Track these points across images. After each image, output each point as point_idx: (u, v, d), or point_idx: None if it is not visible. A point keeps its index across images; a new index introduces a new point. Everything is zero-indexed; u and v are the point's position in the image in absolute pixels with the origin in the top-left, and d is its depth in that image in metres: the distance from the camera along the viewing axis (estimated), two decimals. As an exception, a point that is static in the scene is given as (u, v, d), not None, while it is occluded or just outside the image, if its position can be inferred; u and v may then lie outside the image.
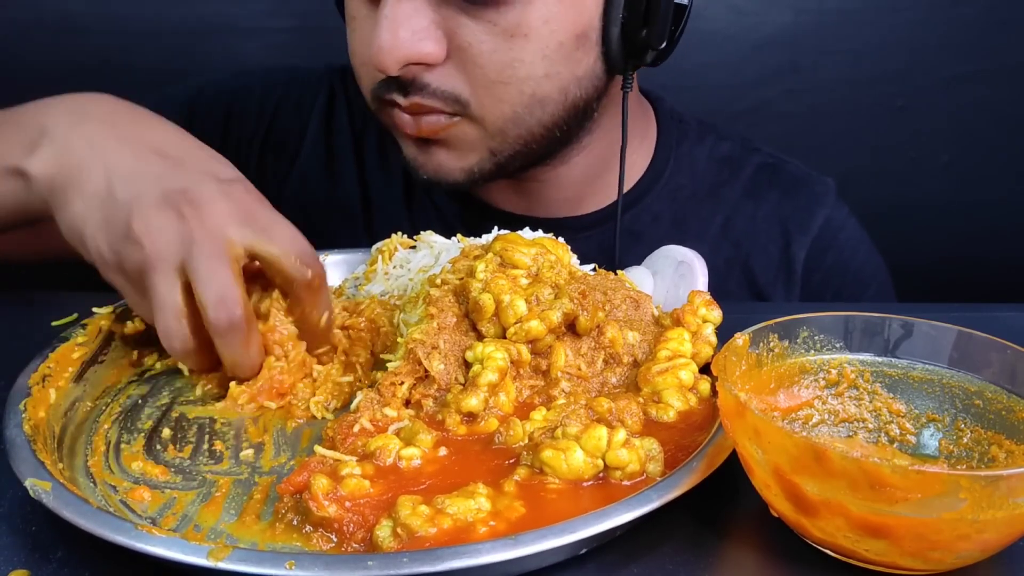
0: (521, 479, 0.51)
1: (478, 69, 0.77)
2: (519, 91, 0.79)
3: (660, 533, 0.50)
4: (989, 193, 1.52)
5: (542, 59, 0.78)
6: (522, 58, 0.77)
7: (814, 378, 0.57)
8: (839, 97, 1.46)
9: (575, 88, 0.82)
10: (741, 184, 1.00)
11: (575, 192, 0.96)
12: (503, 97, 0.79)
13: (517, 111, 0.80)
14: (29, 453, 0.51)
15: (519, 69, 0.77)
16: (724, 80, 1.43)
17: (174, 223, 0.58)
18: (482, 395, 0.57)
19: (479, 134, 0.81)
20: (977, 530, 0.43)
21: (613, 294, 0.64)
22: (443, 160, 0.83)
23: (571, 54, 0.79)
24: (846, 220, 1.01)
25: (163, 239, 0.57)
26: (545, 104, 0.81)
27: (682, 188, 0.99)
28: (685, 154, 1.00)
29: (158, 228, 0.58)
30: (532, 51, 0.77)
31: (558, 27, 0.77)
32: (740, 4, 1.41)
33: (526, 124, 0.81)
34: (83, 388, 0.63)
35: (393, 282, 0.76)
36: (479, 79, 0.78)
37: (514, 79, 0.78)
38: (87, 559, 0.47)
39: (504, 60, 0.77)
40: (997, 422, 0.53)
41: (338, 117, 1.03)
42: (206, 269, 0.57)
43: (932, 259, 1.51)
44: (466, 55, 0.77)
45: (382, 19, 0.74)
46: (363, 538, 0.47)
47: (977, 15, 1.42)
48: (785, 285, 0.98)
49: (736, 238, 0.98)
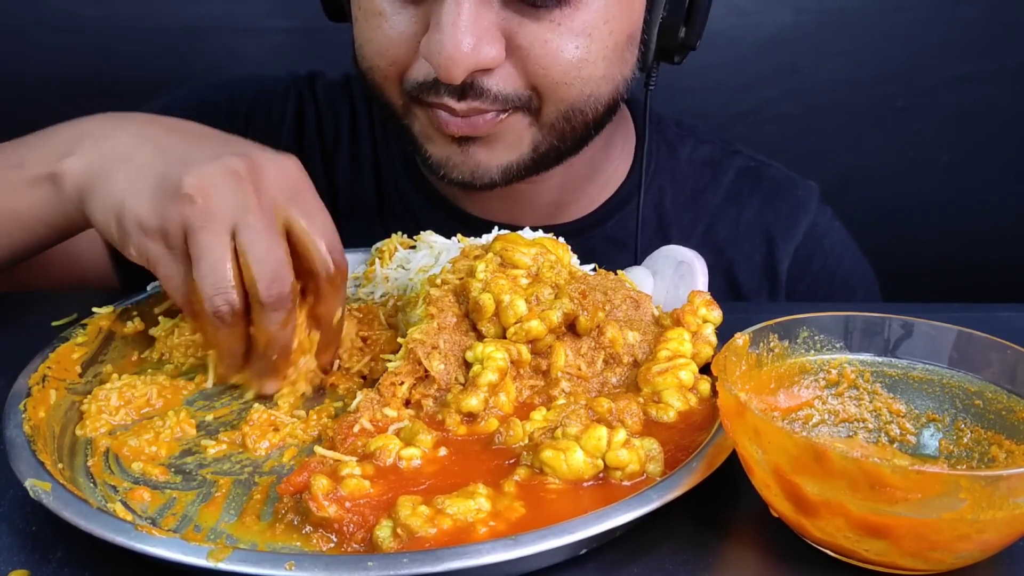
0: (521, 479, 0.51)
1: (541, 70, 0.75)
2: (580, 91, 0.77)
3: (660, 533, 0.50)
4: (989, 193, 1.52)
5: (603, 59, 0.77)
6: (586, 58, 0.76)
7: (814, 378, 0.57)
8: (839, 97, 1.46)
9: (621, 87, 0.82)
10: (723, 189, 0.99)
11: (559, 198, 0.94)
12: (563, 96, 0.77)
13: (573, 109, 0.78)
14: (29, 453, 0.51)
15: (583, 69, 0.76)
16: (724, 80, 1.43)
17: (231, 183, 0.56)
18: (482, 395, 0.57)
19: (528, 127, 0.79)
20: (977, 530, 0.43)
21: (613, 294, 0.64)
22: (482, 158, 0.80)
23: (623, 54, 0.79)
24: (830, 225, 0.99)
25: (219, 196, 0.56)
26: (597, 104, 0.80)
27: (664, 193, 0.98)
28: (664, 159, 0.99)
29: (214, 185, 0.56)
30: (595, 51, 0.76)
31: (616, 27, 0.76)
32: (740, 4, 1.41)
33: (574, 120, 0.80)
34: (83, 388, 0.63)
35: (393, 283, 0.76)
36: (542, 79, 0.76)
37: (578, 79, 0.76)
38: (87, 559, 0.47)
39: (570, 60, 0.75)
40: (997, 422, 0.53)
41: (308, 127, 1.01)
42: (263, 241, 0.56)
43: (932, 259, 1.52)
44: (527, 56, 0.75)
45: (444, 25, 0.70)
46: (363, 538, 0.47)
47: (977, 15, 1.43)
48: (769, 292, 0.97)
49: (719, 244, 0.97)
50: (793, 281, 0.97)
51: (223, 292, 0.56)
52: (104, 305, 0.70)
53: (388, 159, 0.99)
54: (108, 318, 0.69)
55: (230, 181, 0.57)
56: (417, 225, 0.94)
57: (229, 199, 0.56)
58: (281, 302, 0.57)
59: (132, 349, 0.69)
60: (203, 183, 0.56)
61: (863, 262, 1.01)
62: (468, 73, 0.72)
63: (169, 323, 0.70)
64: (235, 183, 0.57)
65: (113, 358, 0.68)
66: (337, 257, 0.60)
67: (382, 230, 0.95)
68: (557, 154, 0.84)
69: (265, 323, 0.58)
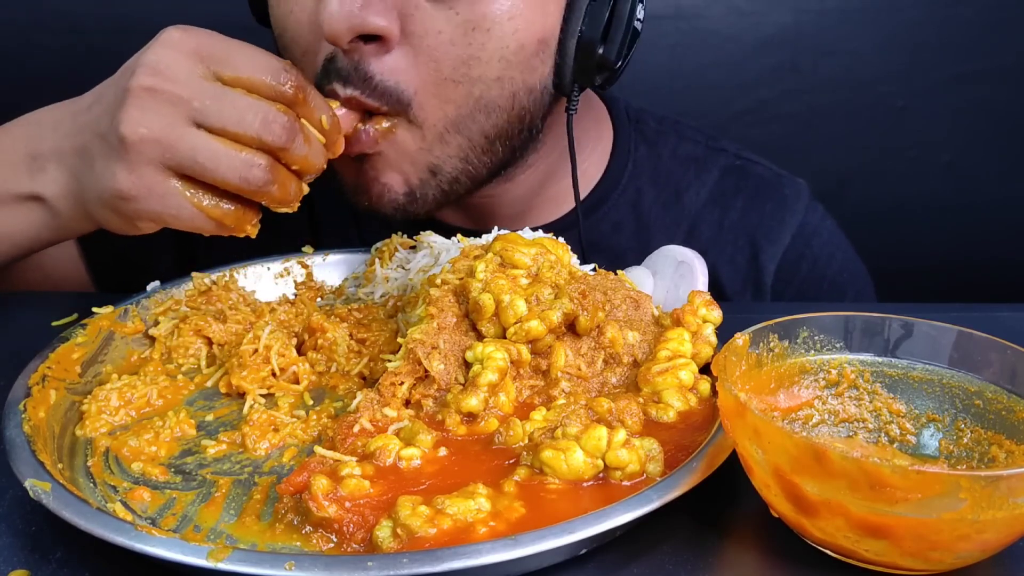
0: (521, 479, 0.51)
1: (431, 63, 0.71)
2: (467, 92, 0.73)
3: (660, 533, 0.50)
4: (989, 193, 1.52)
5: (499, 60, 0.72)
6: (479, 55, 0.71)
7: (814, 378, 0.57)
8: (839, 97, 1.46)
9: (524, 98, 0.76)
10: (707, 189, 0.95)
11: (522, 208, 0.91)
12: (450, 97, 0.72)
13: (460, 114, 0.73)
14: (29, 454, 0.51)
15: (474, 67, 0.71)
16: (724, 80, 1.43)
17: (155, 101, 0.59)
18: (482, 395, 0.57)
19: (417, 143, 0.74)
20: (977, 530, 0.43)
21: (613, 294, 0.64)
22: (386, 180, 0.76)
23: (528, 60, 0.74)
24: (820, 225, 0.96)
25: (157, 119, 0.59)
26: (490, 112, 0.74)
27: (643, 193, 0.94)
28: (644, 157, 0.95)
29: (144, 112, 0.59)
30: (491, 49, 0.71)
31: (522, 26, 0.72)
32: (740, 4, 1.41)
33: (467, 131, 0.75)
34: (83, 388, 0.63)
35: (393, 283, 0.76)
36: (429, 74, 0.71)
37: (466, 78, 0.72)
38: (87, 559, 0.48)
39: (460, 55, 0.71)
40: (997, 422, 0.53)
41: None
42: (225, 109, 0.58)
43: (932, 259, 1.52)
44: (419, 44, 0.70)
45: None
46: (363, 538, 0.47)
47: (977, 15, 1.42)
48: (754, 296, 0.94)
49: (701, 247, 0.90)
50: (781, 284, 0.94)
51: (256, 114, 0.60)
52: (104, 305, 0.70)
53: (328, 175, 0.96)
54: (108, 318, 0.69)
55: (152, 100, 0.58)
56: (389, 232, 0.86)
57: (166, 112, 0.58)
58: (291, 131, 0.60)
59: (132, 349, 0.69)
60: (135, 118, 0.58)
61: (855, 262, 0.98)
62: (354, 33, 0.68)
63: (169, 323, 0.70)
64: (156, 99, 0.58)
65: (113, 358, 0.68)
66: (282, 77, 0.61)
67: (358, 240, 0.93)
68: (468, 178, 0.78)
69: (296, 158, 0.61)
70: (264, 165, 0.60)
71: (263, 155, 0.60)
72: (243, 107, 0.59)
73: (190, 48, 0.61)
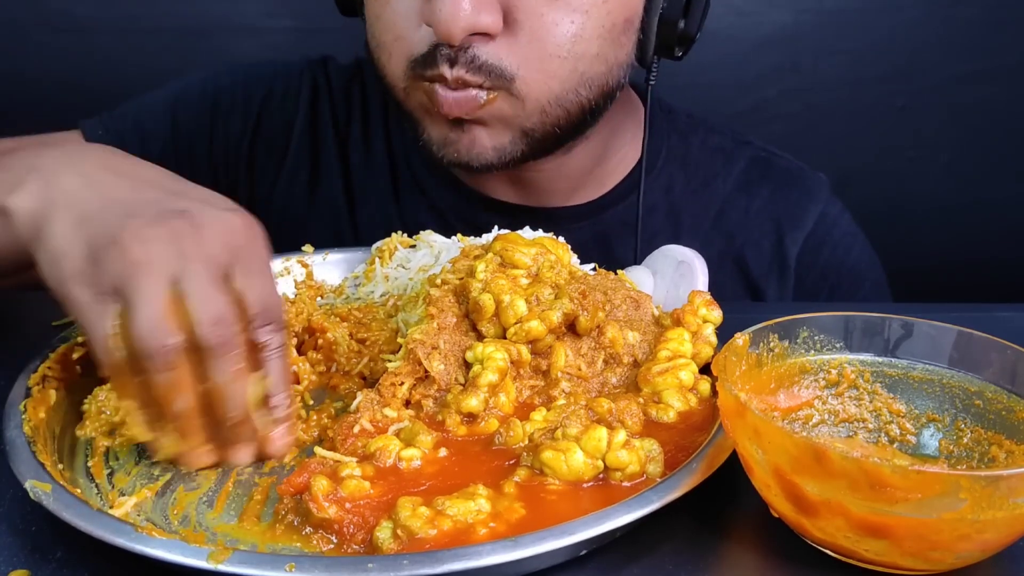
0: (521, 480, 0.51)
1: (535, 42, 0.76)
2: (572, 68, 0.78)
3: (660, 533, 0.50)
4: (989, 193, 1.52)
5: (597, 37, 0.78)
6: (581, 34, 0.77)
7: (814, 378, 0.57)
8: (839, 97, 1.46)
9: (616, 73, 0.82)
10: (733, 178, 1.00)
11: (572, 183, 0.95)
12: (555, 73, 0.78)
13: (565, 88, 0.79)
14: (29, 454, 0.51)
15: (577, 45, 0.77)
16: (724, 80, 1.43)
17: (171, 238, 0.53)
18: (482, 395, 0.57)
19: (517, 112, 0.80)
20: (977, 530, 0.43)
21: (613, 294, 0.64)
22: (477, 137, 0.81)
23: (618, 37, 0.80)
24: (840, 216, 1.00)
25: (156, 249, 0.52)
26: (591, 85, 0.80)
27: (675, 179, 0.99)
28: (676, 145, 1.00)
29: (151, 239, 0.52)
30: (590, 28, 0.77)
31: (614, 7, 0.78)
32: (740, 4, 1.41)
33: (566, 104, 0.80)
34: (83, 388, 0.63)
35: (393, 282, 0.76)
36: (534, 52, 0.77)
37: (571, 55, 0.77)
38: (87, 560, 0.48)
39: (564, 33, 0.76)
40: (997, 422, 0.53)
41: (322, 111, 1.01)
42: (205, 286, 0.52)
43: (932, 259, 1.52)
44: (520, 27, 0.76)
45: None
46: (363, 539, 0.47)
47: (977, 15, 1.42)
48: (779, 279, 0.97)
49: (729, 231, 0.98)
50: (802, 269, 0.98)
51: (162, 331, 0.50)
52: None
53: (401, 142, 0.99)
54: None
55: (169, 236, 0.53)
56: (431, 205, 0.95)
57: (168, 252, 0.52)
58: (227, 345, 0.52)
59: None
60: (140, 236, 0.52)
61: (871, 253, 1.02)
62: (466, 33, 0.74)
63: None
64: (174, 238, 0.53)
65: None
66: (265, 325, 0.54)
67: (397, 214, 0.97)
68: (554, 139, 0.84)
69: (214, 372, 0.52)
70: (170, 346, 0.50)
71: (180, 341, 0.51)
72: (211, 296, 0.52)
73: (235, 237, 0.55)
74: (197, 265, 0.52)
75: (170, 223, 0.53)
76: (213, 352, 0.52)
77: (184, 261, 0.52)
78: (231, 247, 0.54)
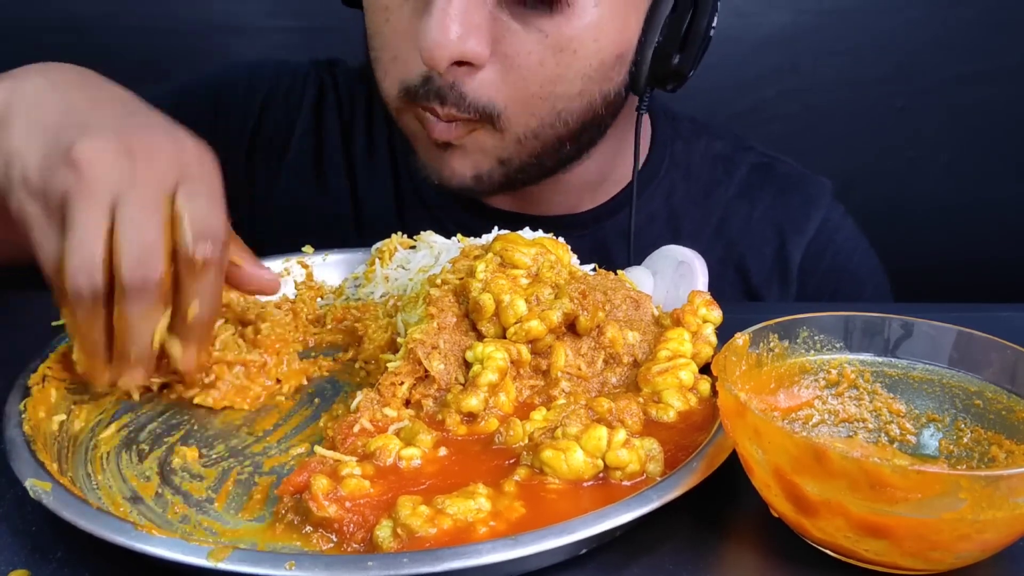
0: (521, 479, 0.51)
1: (520, 80, 0.76)
2: (551, 106, 0.78)
3: (660, 533, 0.50)
4: (989, 193, 1.52)
5: (581, 77, 0.77)
6: (564, 74, 0.76)
7: (814, 378, 0.57)
8: (839, 97, 1.46)
9: (600, 105, 0.81)
10: (735, 184, 0.99)
11: (573, 197, 0.96)
12: (535, 111, 0.78)
13: (542, 124, 0.79)
14: (29, 453, 0.51)
15: (559, 85, 0.76)
16: (724, 80, 1.43)
17: (119, 157, 0.53)
18: (482, 395, 0.57)
19: (495, 143, 0.80)
20: (977, 530, 0.43)
21: (613, 294, 0.64)
22: (456, 164, 0.82)
23: (607, 72, 0.79)
24: (842, 221, 1.00)
25: (103, 169, 0.52)
26: (568, 120, 0.80)
27: (676, 187, 0.99)
28: (679, 152, 1.00)
29: (101, 157, 0.52)
30: (576, 68, 0.76)
31: (605, 44, 0.76)
32: (740, 4, 1.41)
33: (542, 137, 0.80)
34: (83, 388, 0.63)
35: (393, 283, 0.76)
36: (518, 91, 0.76)
37: (552, 95, 0.77)
38: (87, 559, 0.47)
39: (548, 74, 0.75)
40: (997, 422, 0.53)
41: (327, 113, 1.01)
42: (138, 220, 0.52)
43: (932, 259, 1.52)
44: (509, 64, 0.75)
45: (435, 11, 0.71)
46: (363, 538, 0.47)
47: (977, 15, 1.42)
48: (780, 286, 0.97)
49: (730, 238, 0.98)
50: (804, 275, 0.97)
51: (86, 269, 0.51)
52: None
53: (403, 148, 0.99)
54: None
55: (120, 153, 0.53)
56: (431, 213, 0.96)
57: (114, 172, 0.52)
58: (143, 289, 0.52)
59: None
60: (90, 152, 0.52)
61: (874, 259, 1.02)
62: (451, 61, 0.72)
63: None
64: (125, 156, 0.53)
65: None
66: (204, 245, 0.54)
67: (398, 219, 0.97)
68: (536, 168, 0.84)
69: (124, 310, 0.53)
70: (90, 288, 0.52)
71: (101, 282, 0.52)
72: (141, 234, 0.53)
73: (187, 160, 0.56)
74: (140, 188, 0.53)
75: (123, 140, 0.54)
76: (128, 295, 0.53)
77: (128, 184, 0.53)
78: (179, 168, 0.55)
